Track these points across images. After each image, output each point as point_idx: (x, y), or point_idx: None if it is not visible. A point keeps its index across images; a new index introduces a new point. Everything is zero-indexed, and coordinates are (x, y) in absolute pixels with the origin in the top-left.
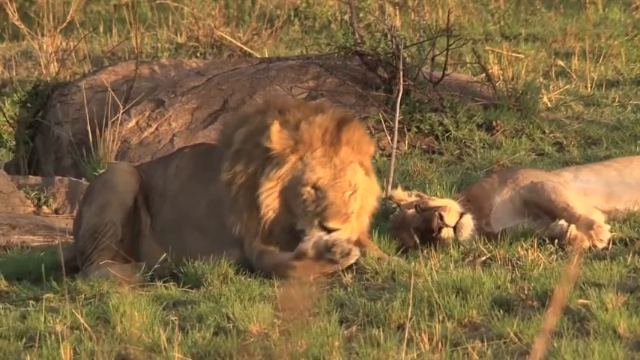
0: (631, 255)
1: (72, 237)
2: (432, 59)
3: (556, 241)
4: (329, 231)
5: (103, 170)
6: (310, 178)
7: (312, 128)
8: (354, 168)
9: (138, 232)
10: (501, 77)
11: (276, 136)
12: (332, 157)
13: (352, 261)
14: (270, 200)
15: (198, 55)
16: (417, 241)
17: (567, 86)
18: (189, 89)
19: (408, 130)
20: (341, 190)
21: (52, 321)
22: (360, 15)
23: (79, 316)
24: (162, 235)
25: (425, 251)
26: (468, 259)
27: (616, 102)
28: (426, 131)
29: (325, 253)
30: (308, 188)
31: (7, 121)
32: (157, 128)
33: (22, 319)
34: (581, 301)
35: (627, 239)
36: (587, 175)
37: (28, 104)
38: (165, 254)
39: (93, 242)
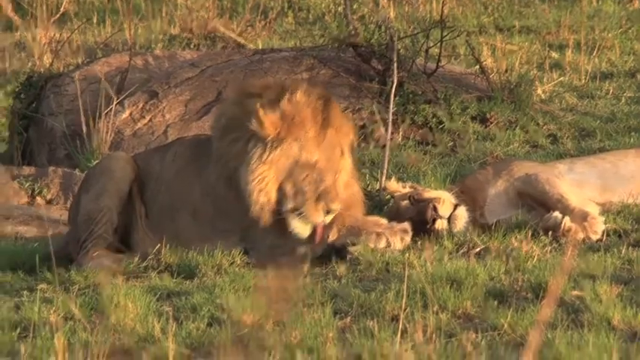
0: (625, 247)
1: (65, 227)
2: (426, 51)
3: (550, 232)
4: (328, 212)
5: (99, 160)
6: (309, 159)
7: (300, 108)
8: (337, 151)
9: (132, 221)
10: (495, 69)
11: (267, 120)
12: (323, 138)
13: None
14: (263, 185)
15: (191, 46)
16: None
17: (561, 78)
18: (183, 80)
19: (402, 122)
20: (333, 171)
21: (45, 311)
22: (354, 7)
23: (73, 307)
24: (157, 221)
25: (419, 242)
26: (462, 251)
27: (610, 94)
28: (420, 123)
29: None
30: (306, 169)
31: (1, 112)
32: (150, 119)
33: (16, 309)
34: (575, 292)
35: (621, 231)
36: (582, 168)
37: (22, 95)
38: (158, 245)
39: (88, 228)
